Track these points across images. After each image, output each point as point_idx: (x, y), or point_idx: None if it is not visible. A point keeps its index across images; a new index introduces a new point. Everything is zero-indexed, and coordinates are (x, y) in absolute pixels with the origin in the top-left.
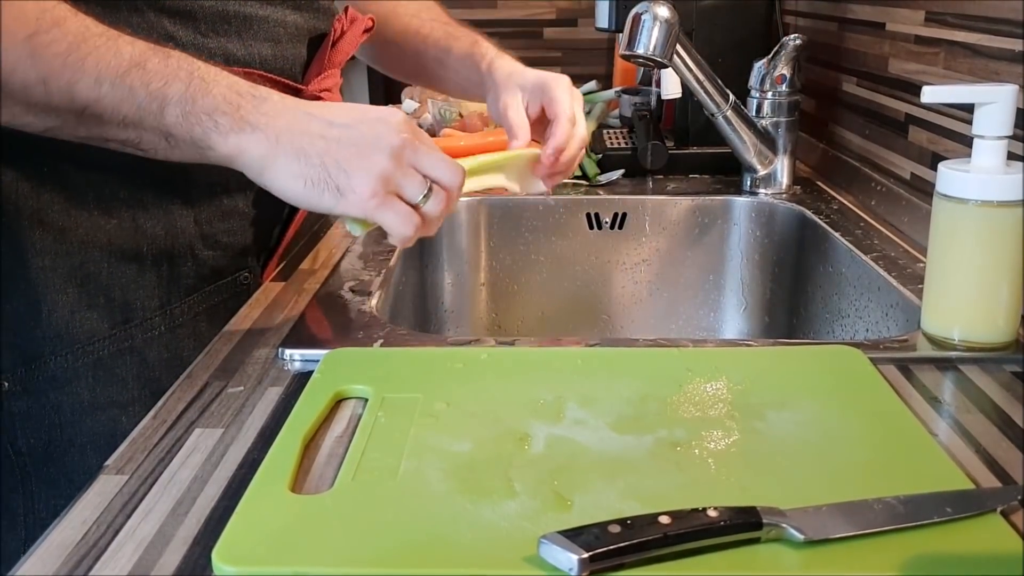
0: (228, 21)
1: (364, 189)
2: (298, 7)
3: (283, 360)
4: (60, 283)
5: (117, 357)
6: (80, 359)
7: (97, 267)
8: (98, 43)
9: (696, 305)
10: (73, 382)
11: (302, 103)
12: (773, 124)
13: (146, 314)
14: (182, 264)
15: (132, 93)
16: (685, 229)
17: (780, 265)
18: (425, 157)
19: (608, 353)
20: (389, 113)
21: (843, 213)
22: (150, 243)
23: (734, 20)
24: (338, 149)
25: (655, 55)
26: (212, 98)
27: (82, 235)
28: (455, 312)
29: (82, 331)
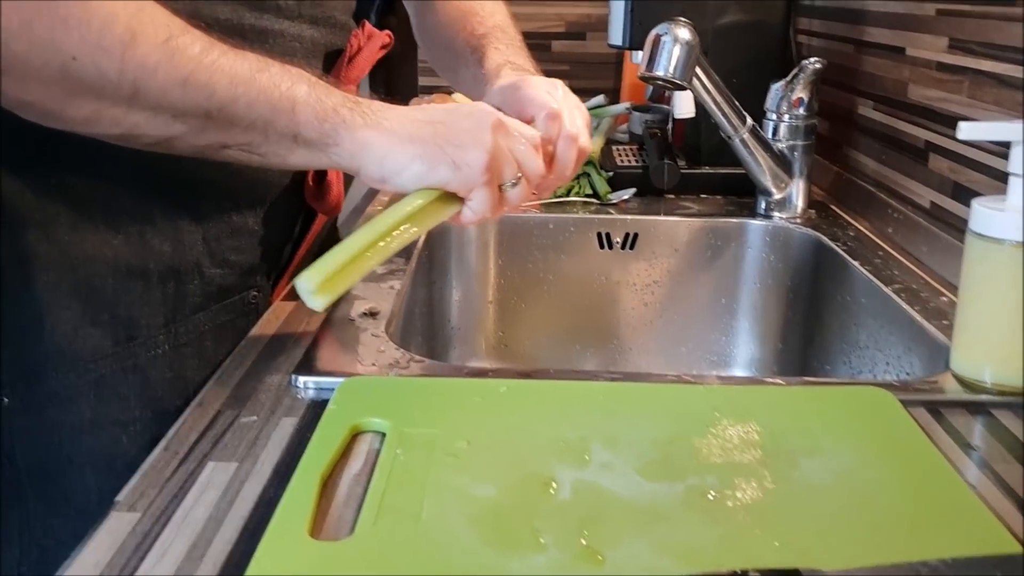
0: (243, 35)
1: (479, 163)
2: (315, 22)
3: (296, 388)
4: (64, 298)
5: (120, 375)
6: (82, 376)
7: (102, 282)
8: (224, 49)
9: (708, 329)
10: (74, 400)
11: (402, 107)
12: (789, 147)
13: (150, 332)
14: (189, 282)
15: (265, 93)
16: (698, 251)
17: (795, 291)
18: (518, 144)
19: (631, 389)
20: (479, 105)
21: (860, 240)
22: (157, 259)
23: (749, 40)
24: (448, 130)
25: (675, 77)
26: (334, 97)
27: (88, 249)
28: (462, 329)
29: (85, 348)
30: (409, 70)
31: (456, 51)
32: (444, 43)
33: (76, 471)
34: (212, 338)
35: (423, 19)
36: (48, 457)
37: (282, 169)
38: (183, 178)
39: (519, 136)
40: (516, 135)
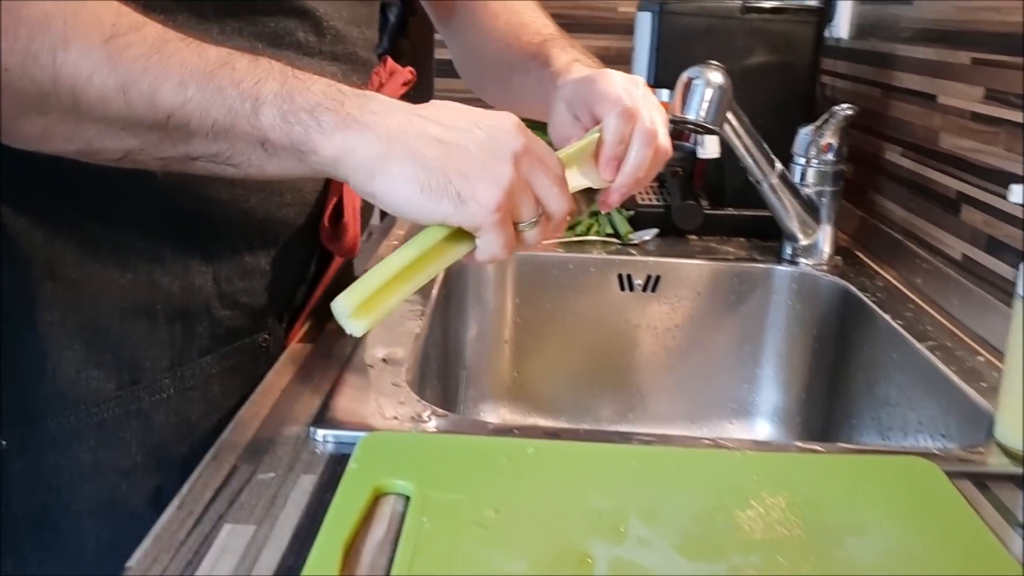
0: None
1: (490, 200)
2: (336, 58)
3: (315, 441)
4: (68, 339)
5: (122, 420)
6: (83, 420)
7: (107, 323)
8: (180, 45)
9: (730, 376)
10: (74, 444)
11: (410, 105)
12: (817, 193)
13: (155, 375)
14: (197, 323)
15: (222, 94)
16: (721, 296)
17: (820, 341)
18: (540, 176)
19: (665, 454)
20: (504, 117)
21: (889, 291)
22: (165, 300)
23: (776, 81)
24: (459, 155)
25: (706, 121)
26: (312, 95)
27: (94, 289)
28: (476, 369)
29: (87, 391)
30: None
31: (509, 62)
32: (493, 57)
33: (73, 518)
34: (220, 382)
35: (465, 38)
36: (46, 503)
37: (260, 180)
38: (196, 217)
39: (544, 168)
40: (541, 166)
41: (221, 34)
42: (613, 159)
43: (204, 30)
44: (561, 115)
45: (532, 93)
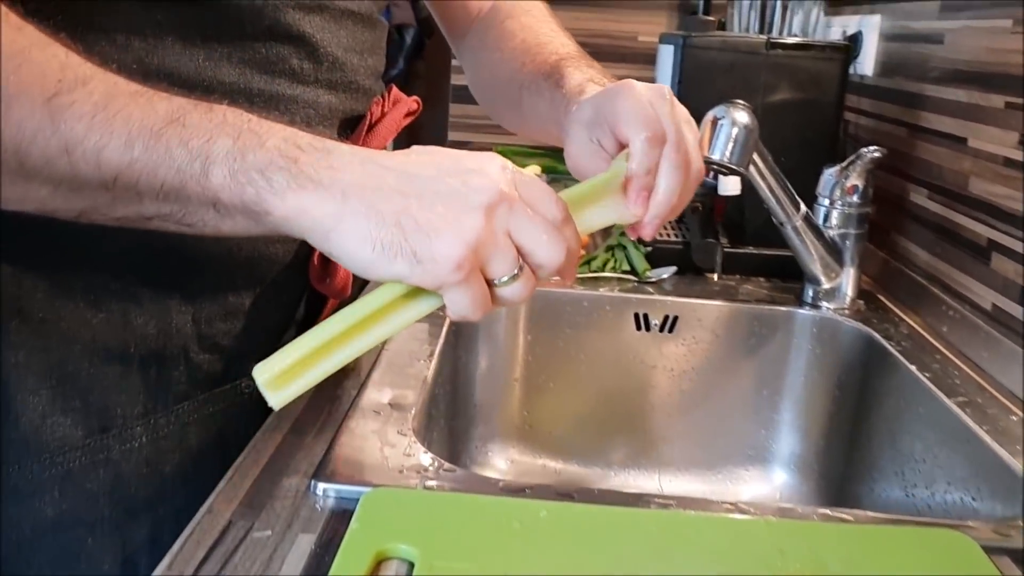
0: (251, 100)
1: (448, 258)
2: (334, 87)
3: (316, 496)
4: (34, 382)
5: (89, 470)
6: (47, 470)
7: (77, 366)
8: (127, 101)
9: (747, 421)
10: (36, 495)
11: (378, 153)
12: (841, 235)
13: (127, 422)
14: (173, 368)
15: (169, 154)
16: (740, 338)
17: (842, 388)
18: (524, 224)
19: (685, 521)
20: (485, 160)
21: (914, 339)
22: (139, 342)
23: (800, 118)
24: (418, 207)
25: (731, 162)
26: (265, 152)
27: (64, 329)
28: (485, 407)
29: (53, 438)
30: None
31: (521, 82)
32: (506, 78)
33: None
34: (197, 431)
35: (479, 58)
36: (5, 558)
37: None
38: (176, 253)
39: (529, 215)
40: (525, 213)
41: (208, 60)
42: (642, 190)
43: (190, 56)
44: (579, 141)
45: (544, 116)
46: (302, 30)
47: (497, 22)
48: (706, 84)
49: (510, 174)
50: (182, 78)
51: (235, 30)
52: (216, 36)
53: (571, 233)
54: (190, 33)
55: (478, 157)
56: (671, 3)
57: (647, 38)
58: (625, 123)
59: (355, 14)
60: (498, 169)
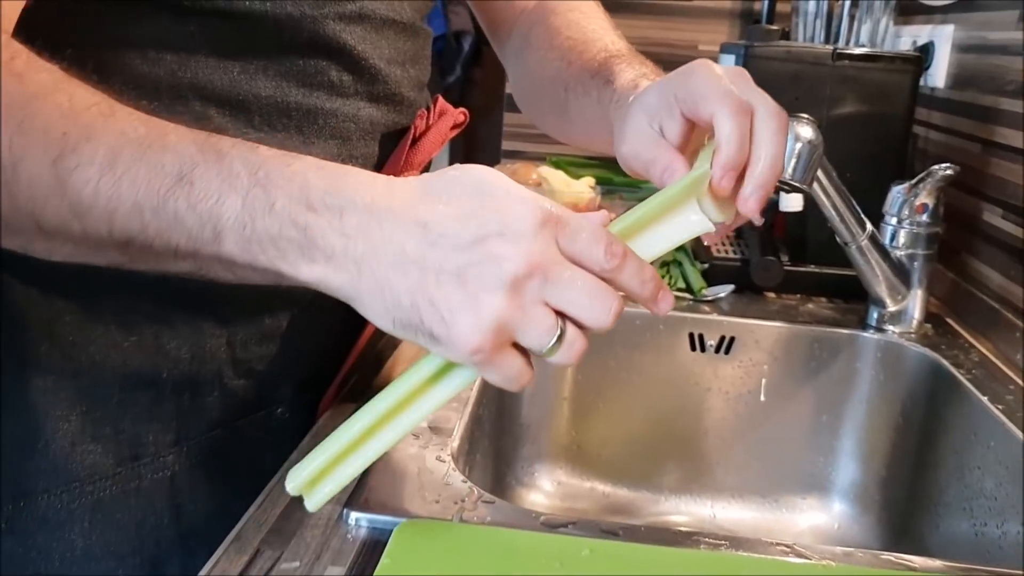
0: (288, 115)
1: (465, 343)
2: (375, 99)
3: (347, 525)
4: (63, 409)
5: (120, 499)
6: (77, 499)
7: (107, 392)
8: (133, 158)
9: (805, 448)
10: (66, 525)
11: (398, 200)
12: (908, 256)
13: (158, 451)
14: (207, 394)
15: (179, 220)
16: (800, 361)
17: (906, 416)
18: (563, 289)
19: (738, 564)
20: (519, 214)
21: (986, 367)
22: (172, 367)
23: (867, 132)
24: (435, 284)
25: (794, 180)
26: (275, 217)
27: (94, 353)
28: (533, 427)
29: (82, 467)
30: (493, 130)
31: (567, 81)
32: (551, 78)
33: None
34: (230, 459)
35: (523, 59)
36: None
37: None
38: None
39: (570, 276)
40: (562, 277)
41: (243, 73)
42: (733, 169)
43: (224, 70)
44: (637, 130)
45: (592, 117)
46: (343, 42)
47: (541, 19)
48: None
49: (547, 230)
50: (215, 92)
51: (271, 42)
52: (251, 49)
53: (631, 274)
54: (225, 46)
55: (511, 209)
56: (733, 11)
57: (708, 47)
58: (705, 99)
59: (397, 23)
60: (532, 227)
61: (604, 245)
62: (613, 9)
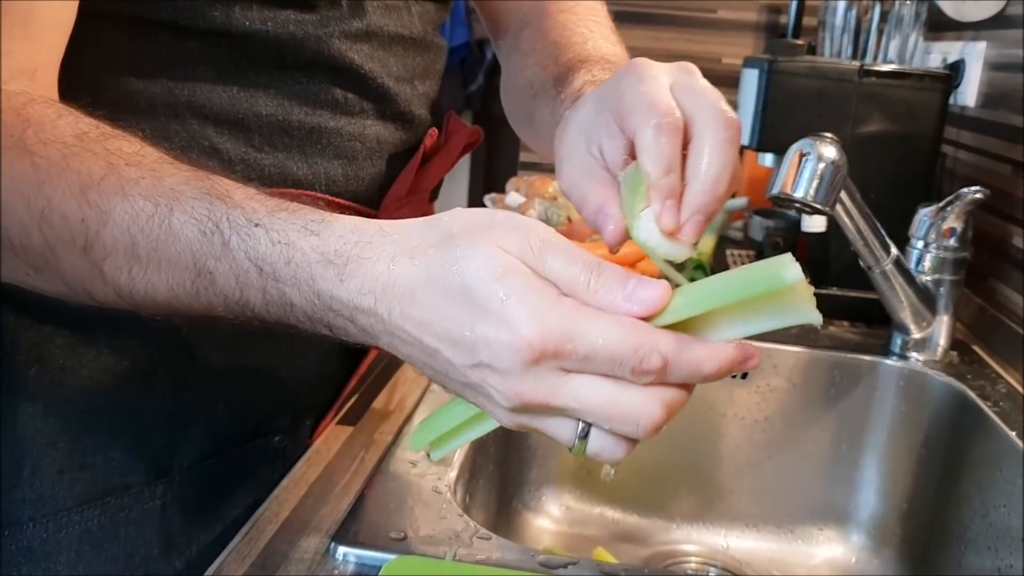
0: (289, 133)
1: (502, 419)
2: (382, 117)
3: (335, 560)
4: (51, 435)
5: (108, 529)
6: (64, 529)
7: (97, 419)
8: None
9: (824, 478)
10: (52, 556)
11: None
12: (934, 282)
13: (149, 479)
14: (200, 421)
15: (211, 303)
16: (819, 388)
17: (929, 448)
18: (571, 410)
19: None
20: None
21: (1013, 400)
22: (164, 393)
23: (893, 152)
24: (452, 385)
25: (816, 201)
26: (297, 312)
27: (85, 378)
28: (540, 450)
29: (70, 495)
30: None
31: (536, 89)
32: (524, 85)
33: None
34: (225, 488)
35: (508, 62)
36: None
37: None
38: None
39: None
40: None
41: (243, 92)
42: (669, 196)
43: (223, 88)
44: (572, 156)
45: (544, 132)
46: (348, 61)
47: (533, 20)
48: (792, 112)
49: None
50: (214, 111)
51: (273, 61)
52: (252, 67)
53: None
54: (224, 64)
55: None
56: (758, 24)
57: (731, 60)
58: (631, 112)
59: (406, 38)
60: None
61: (632, 363)
62: (636, 21)
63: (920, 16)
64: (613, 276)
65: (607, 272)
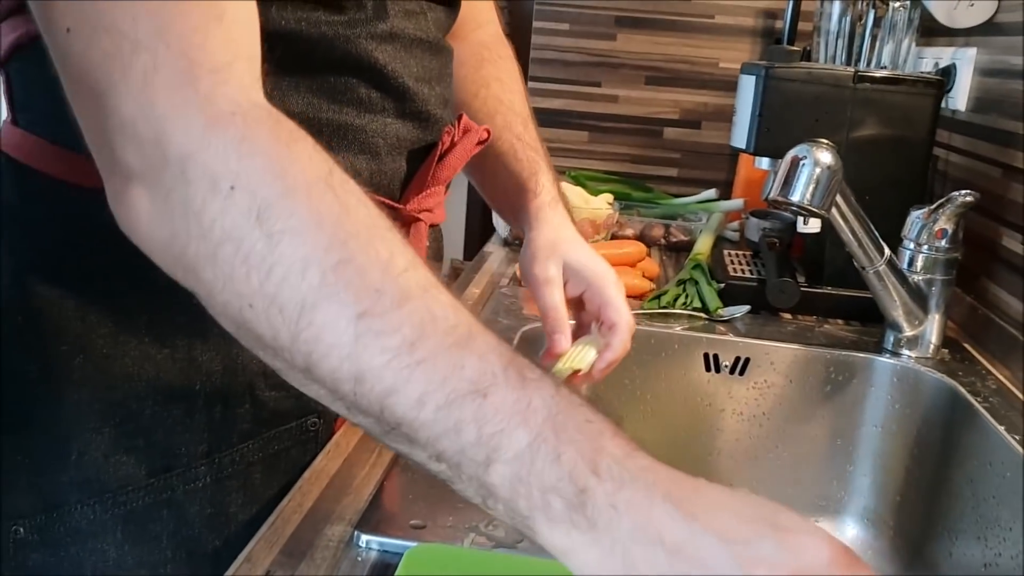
0: (319, 130)
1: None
2: (403, 115)
3: (358, 547)
4: (96, 421)
5: (152, 510)
6: (110, 510)
7: (140, 404)
8: (440, 346)
9: (819, 471)
10: (99, 536)
11: (677, 485)
12: (926, 281)
13: (190, 462)
14: (239, 405)
15: (458, 432)
16: (815, 384)
17: (921, 443)
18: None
19: None
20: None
21: (1003, 396)
22: (205, 379)
23: (887, 156)
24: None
25: (812, 205)
26: (559, 467)
27: (128, 366)
28: None
29: (115, 478)
30: None
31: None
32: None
33: None
34: (262, 470)
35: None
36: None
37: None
38: None
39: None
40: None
41: (276, 90)
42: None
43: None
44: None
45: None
46: (374, 60)
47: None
48: (789, 117)
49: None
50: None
51: (305, 60)
52: (285, 66)
53: None
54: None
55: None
56: (755, 30)
57: (728, 65)
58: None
59: (424, 41)
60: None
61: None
62: (636, 26)
63: (913, 22)
64: None
65: None
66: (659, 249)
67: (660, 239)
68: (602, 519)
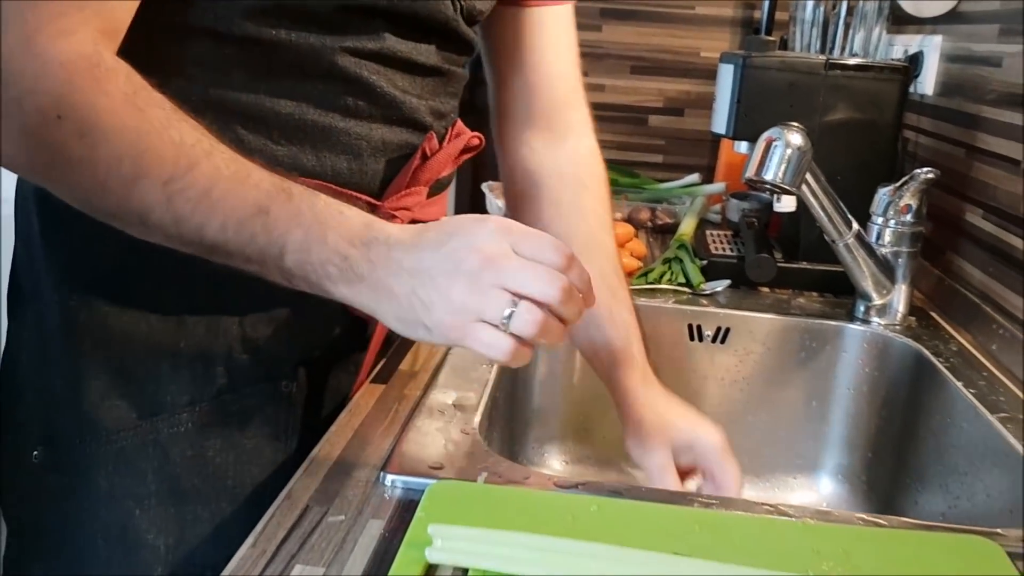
0: (304, 131)
1: (443, 322)
2: (389, 121)
3: (385, 486)
4: (96, 368)
5: (140, 449)
6: (103, 447)
7: (134, 358)
8: (227, 188)
9: (795, 432)
10: (93, 470)
11: (409, 235)
12: (893, 253)
13: (175, 409)
14: (217, 364)
15: (254, 239)
16: (791, 351)
17: (889, 403)
18: (511, 273)
19: (726, 520)
20: (476, 225)
21: (963, 356)
22: (188, 340)
23: (857, 138)
24: (421, 285)
25: (784, 183)
26: (326, 248)
27: (125, 324)
28: (543, 410)
29: (109, 418)
30: None
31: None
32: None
33: (88, 539)
34: (238, 421)
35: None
36: (64, 523)
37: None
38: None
39: (520, 264)
40: (513, 265)
41: (268, 93)
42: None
43: (252, 89)
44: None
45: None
46: (357, 74)
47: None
48: (765, 103)
49: (507, 237)
50: (241, 109)
51: (295, 68)
52: (278, 72)
53: (578, 272)
54: (255, 69)
55: (471, 222)
56: (734, 19)
57: (709, 54)
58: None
59: (418, 64)
60: (487, 235)
61: (552, 248)
62: (621, 17)
63: (883, 11)
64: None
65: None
66: (646, 231)
67: (647, 222)
68: (365, 271)
